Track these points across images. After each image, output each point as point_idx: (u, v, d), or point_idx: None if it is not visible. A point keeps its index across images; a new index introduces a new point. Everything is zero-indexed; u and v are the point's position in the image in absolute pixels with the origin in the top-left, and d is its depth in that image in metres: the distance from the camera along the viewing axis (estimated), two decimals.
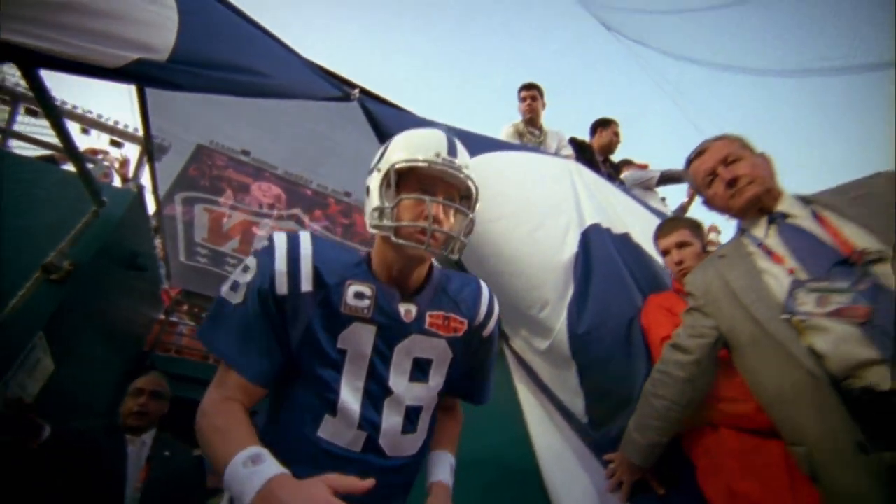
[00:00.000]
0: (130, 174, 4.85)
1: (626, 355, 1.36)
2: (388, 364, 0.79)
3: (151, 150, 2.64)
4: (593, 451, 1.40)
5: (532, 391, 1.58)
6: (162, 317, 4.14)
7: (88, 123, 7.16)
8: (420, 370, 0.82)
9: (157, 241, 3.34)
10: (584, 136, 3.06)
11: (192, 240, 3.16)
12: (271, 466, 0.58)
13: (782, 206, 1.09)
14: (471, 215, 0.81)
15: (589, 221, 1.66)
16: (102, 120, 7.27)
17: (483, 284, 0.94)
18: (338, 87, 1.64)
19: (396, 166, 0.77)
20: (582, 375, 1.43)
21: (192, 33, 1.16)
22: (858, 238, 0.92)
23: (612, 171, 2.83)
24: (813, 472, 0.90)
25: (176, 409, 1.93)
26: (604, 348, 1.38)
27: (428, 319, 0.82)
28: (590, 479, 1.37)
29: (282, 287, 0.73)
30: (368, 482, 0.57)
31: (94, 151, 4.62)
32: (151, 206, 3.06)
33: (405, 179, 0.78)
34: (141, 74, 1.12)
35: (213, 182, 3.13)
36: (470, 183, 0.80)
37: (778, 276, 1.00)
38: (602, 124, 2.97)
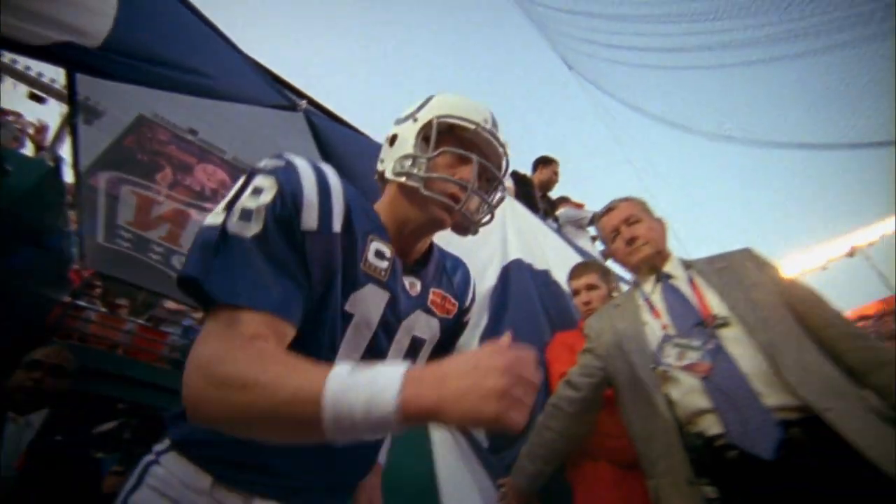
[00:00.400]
0: (48, 142, 4.33)
1: None
2: (391, 339, 0.69)
3: (75, 111, 2.44)
4: (490, 474, 1.48)
5: None
6: (67, 299, 3.78)
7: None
8: (413, 351, 0.74)
9: (73, 214, 3.07)
10: (527, 168, 3.26)
11: (114, 221, 2.94)
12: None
13: (668, 268, 1.25)
14: (500, 194, 0.77)
15: (512, 256, 1.78)
16: (21, 69, 5.87)
17: (469, 268, 0.88)
18: (285, 96, 1.65)
19: (443, 120, 0.70)
20: None
21: (130, 23, 1.14)
22: (715, 304, 1.09)
23: (548, 207, 3.02)
24: (657, 502, 1.03)
25: (74, 402, 1.77)
26: None
27: (430, 296, 0.75)
28: (482, 501, 1.45)
29: (310, 220, 0.57)
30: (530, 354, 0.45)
31: (2, 112, 4.14)
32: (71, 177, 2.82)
33: (442, 139, 0.71)
34: (67, 57, 1.08)
35: (151, 157, 2.93)
36: (504, 161, 0.75)
37: (654, 329, 1.15)
38: (544, 162, 3.19)
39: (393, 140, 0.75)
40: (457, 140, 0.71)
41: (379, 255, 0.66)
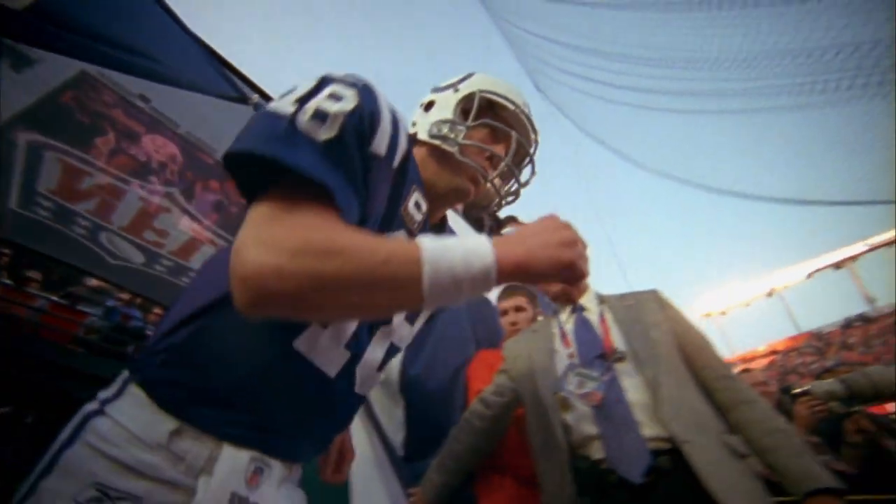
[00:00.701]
0: None
1: (445, 401, 1.52)
2: None
3: None
4: (402, 482, 1.52)
5: (361, 416, 1.66)
6: None
7: None
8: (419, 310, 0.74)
9: None
10: None
11: (32, 186, 2.69)
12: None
13: (582, 300, 1.35)
14: (531, 177, 0.79)
15: None
16: None
17: None
18: (236, 88, 1.62)
19: (485, 94, 0.72)
20: (407, 412, 1.56)
21: None
22: (617, 338, 1.19)
23: (494, 225, 3.13)
24: None
25: None
26: (428, 391, 1.53)
27: None
28: None
29: (380, 145, 0.55)
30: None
31: None
32: None
33: (481, 113, 0.72)
34: None
35: (93, 119, 2.70)
36: (533, 148, 0.77)
37: (562, 357, 1.24)
38: None
39: (429, 106, 0.76)
40: (494, 117, 0.73)
41: (417, 206, 0.66)
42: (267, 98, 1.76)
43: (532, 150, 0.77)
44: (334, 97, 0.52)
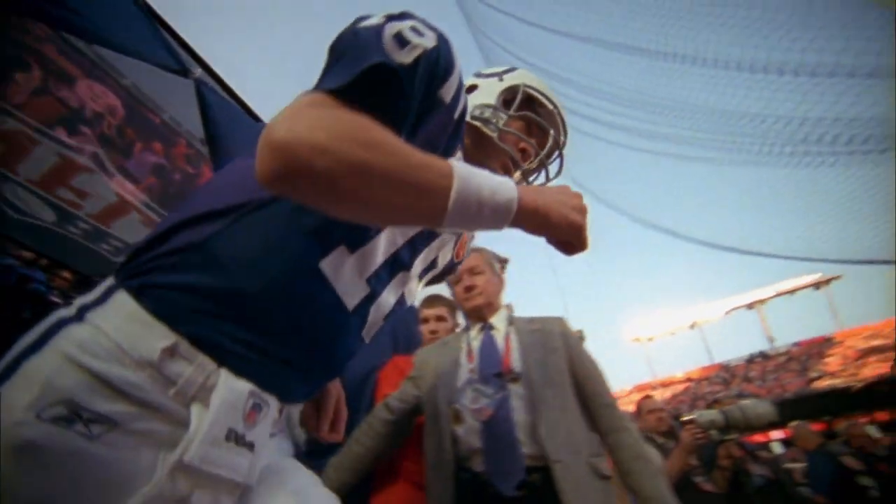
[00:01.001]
0: None
1: (352, 401, 1.54)
2: (431, 242, 0.70)
3: None
4: None
5: None
6: None
7: None
8: (431, 267, 0.76)
9: None
10: None
11: None
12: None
13: (493, 319, 1.43)
14: (558, 174, 0.83)
15: None
16: None
17: None
18: (178, 60, 1.55)
19: (529, 90, 0.76)
20: None
21: None
22: (516, 360, 1.27)
23: None
24: None
25: None
26: None
27: (461, 237, 0.82)
28: None
29: (448, 92, 0.56)
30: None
31: None
32: None
33: (521, 106, 0.75)
34: None
35: (15, 49, 2.41)
36: (562, 148, 0.81)
37: (464, 371, 1.30)
38: None
39: (471, 89, 0.78)
40: (533, 113, 0.77)
41: None
42: (212, 73, 1.69)
43: (562, 150, 0.82)
44: (416, 31, 0.53)
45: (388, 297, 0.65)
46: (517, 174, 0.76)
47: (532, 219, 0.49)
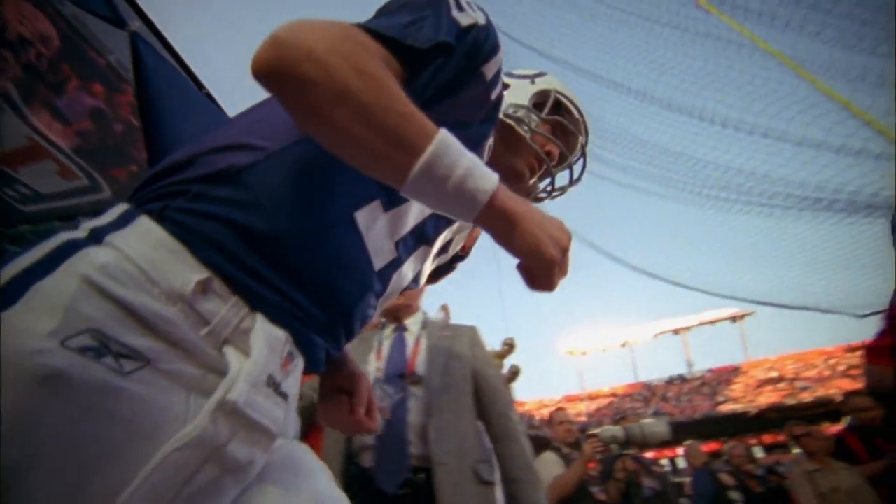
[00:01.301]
0: None
1: None
2: (452, 222, 0.69)
3: None
4: None
5: None
6: None
7: None
8: (444, 250, 0.79)
9: None
10: None
11: None
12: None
13: (408, 321, 1.46)
14: (578, 179, 0.85)
15: None
16: None
17: None
18: (113, 9, 1.43)
19: (560, 96, 0.77)
20: None
21: None
22: (421, 363, 1.32)
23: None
24: None
25: None
26: None
27: (472, 231, 0.83)
28: None
29: (490, 70, 0.57)
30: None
31: None
32: None
33: (551, 111, 0.77)
34: None
35: None
36: (578, 167, 0.83)
37: (371, 370, 1.33)
38: None
39: (506, 86, 0.79)
40: (563, 119, 0.79)
41: (488, 150, 0.69)
42: (151, 25, 1.56)
43: (584, 156, 0.85)
44: (469, 4, 0.56)
45: (408, 270, 0.64)
46: (535, 179, 0.79)
47: (498, 222, 0.45)
